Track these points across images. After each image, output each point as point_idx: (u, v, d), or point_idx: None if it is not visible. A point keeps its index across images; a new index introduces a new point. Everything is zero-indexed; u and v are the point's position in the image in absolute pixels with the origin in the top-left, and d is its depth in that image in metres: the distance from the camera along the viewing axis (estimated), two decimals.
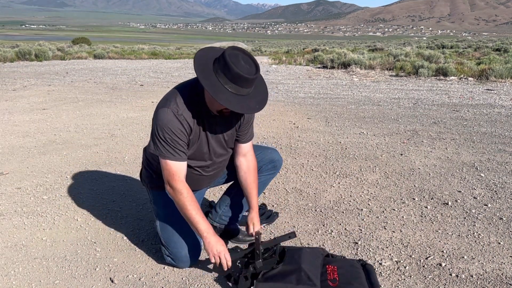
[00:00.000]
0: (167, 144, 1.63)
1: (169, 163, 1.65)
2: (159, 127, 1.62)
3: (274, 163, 2.06)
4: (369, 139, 4.12)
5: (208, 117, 1.70)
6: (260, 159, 2.01)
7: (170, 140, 1.62)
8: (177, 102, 1.62)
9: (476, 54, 16.81)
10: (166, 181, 1.67)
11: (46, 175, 3.05)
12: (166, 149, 1.63)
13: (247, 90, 1.55)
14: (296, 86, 8.26)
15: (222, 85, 1.50)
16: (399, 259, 1.92)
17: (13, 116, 5.11)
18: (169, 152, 1.64)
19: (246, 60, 1.53)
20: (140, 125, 4.73)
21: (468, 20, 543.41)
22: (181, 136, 1.63)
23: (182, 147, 1.65)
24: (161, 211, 1.88)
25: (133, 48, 21.35)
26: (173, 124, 1.60)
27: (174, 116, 1.60)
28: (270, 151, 2.08)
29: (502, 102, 6.11)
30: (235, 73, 1.48)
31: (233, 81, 1.50)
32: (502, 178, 2.96)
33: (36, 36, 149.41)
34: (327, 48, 21.44)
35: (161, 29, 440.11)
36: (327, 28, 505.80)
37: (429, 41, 40.96)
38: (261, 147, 2.10)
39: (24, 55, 14.24)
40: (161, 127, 1.61)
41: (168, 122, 1.60)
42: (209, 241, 1.65)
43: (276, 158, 2.07)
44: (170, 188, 1.67)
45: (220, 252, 1.65)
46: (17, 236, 2.15)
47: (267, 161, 2.04)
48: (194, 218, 1.66)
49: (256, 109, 1.59)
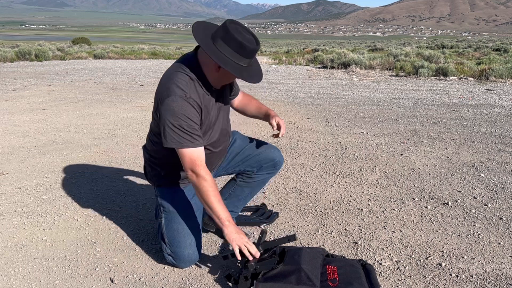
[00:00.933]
0: (184, 132, 1.61)
1: (188, 151, 1.63)
2: (172, 118, 1.58)
3: (274, 161, 2.05)
4: (369, 139, 4.12)
5: (210, 92, 1.73)
6: (261, 158, 2.01)
7: (186, 127, 1.60)
8: (180, 87, 1.60)
9: (476, 54, 16.81)
10: (188, 169, 1.65)
11: (46, 175, 3.05)
12: (183, 137, 1.61)
13: (251, 61, 1.65)
14: (296, 86, 8.26)
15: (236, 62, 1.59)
16: (399, 259, 1.92)
17: (13, 116, 5.11)
18: (187, 140, 1.62)
19: (248, 31, 1.62)
20: (140, 125, 4.73)
21: (468, 20, 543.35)
22: (196, 120, 1.64)
23: (197, 131, 1.65)
24: (168, 209, 1.86)
25: (133, 48, 21.34)
26: (186, 110, 1.59)
27: (184, 101, 1.59)
28: (273, 150, 2.07)
29: (502, 102, 6.11)
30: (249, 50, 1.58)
31: (246, 56, 1.60)
32: (502, 178, 2.96)
33: (36, 36, 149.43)
34: (327, 48, 21.45)
35: (161, 29, 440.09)
36: (327, 28, 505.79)
37: (429, 41, 40.96)
38: (264, 144, 2.09)
39: (24, 55, 14.24)
40: (175, 116, 1.58)
41: (180, 109, 1.58)
42: (231, 230, 1.65)
43: (277, 157, 2.06)
44: (193, 175, 1.65)
45: (242, 241, 1.64)
46: (17, 236, 2.15)
47: (268, 159, 2.03)
48: (216, 206, 1.65)
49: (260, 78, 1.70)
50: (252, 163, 2.04)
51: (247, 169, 2.05)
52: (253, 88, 7.72)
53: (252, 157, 2.03)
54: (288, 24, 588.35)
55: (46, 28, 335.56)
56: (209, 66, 1.66)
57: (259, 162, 2.02)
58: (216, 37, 1.59)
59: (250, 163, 2.04)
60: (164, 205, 1.88)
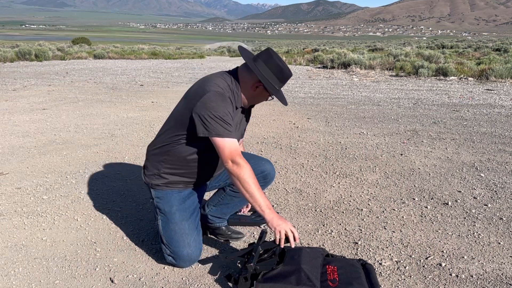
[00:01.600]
0: (225, 123, 1.67)
1: (229, 141, 1.68)
2: (214, 109, 1.67)
3: (264, 173, 2.03)
4: (369, 139, 4.12)
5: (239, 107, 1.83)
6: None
7: (227, 119, 1.68)
8: (221, 87, 1.74)
9: (476, 54, 16.81)
10: (229, 159, 1.68)
11: (46, 175, 3.05)
12: (225, 128, 1.67)
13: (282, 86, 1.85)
14: (296, 86, 8.26)
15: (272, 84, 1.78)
16: (399, 259, 1.92)
17: (13, 116, 5.11)
18: (227, 131, 1.68)
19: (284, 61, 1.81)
20: (140, 125, 4.73)
21: (468, 20, 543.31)
22: (232, 115, 1.73)
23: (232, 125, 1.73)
24: (164, 210, 1.87)
25: (133, 48, 21.34)
26: (226, 104, 1.71)
27: (225, 97, 1.72)
28: (264, 162, 2.08)
29: (502, 102, 6.12)
30: (286, 75, 1.81)
31: (282, 81, 1.82)
32: (502, 178, 2.96)
33: (36, 36, 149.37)
34: (327, 48, 21.45)
35: (161, 29, 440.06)
36: (327, 28, 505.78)
37: (429, 41, 40.95)
38: (255, 157, 2.10)
39: (24, 55, 14.24)
40: (217, 108, 1.67)
41: (222, 102, 1.69)
42: (272, 217, 1.66)
43: (268, 170, 2.06)
44: (233, 165, 1.68)
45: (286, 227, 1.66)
46: (17, 236, 2.15)
47: (258, 171, 1.99)
48: (256, 194, 1.67)
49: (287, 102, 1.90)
50: None
51: None
52: None
53: None
54: (288, 24, 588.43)
55: (46, 28, 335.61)
56: (247, 84, 1.79)
57: None
58: (258, 59, 1.78)
59: None
60: (160, 207, 1.88)
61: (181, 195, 1.89)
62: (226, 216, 2.13)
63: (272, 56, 1.77)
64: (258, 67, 1.75)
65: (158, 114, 5.31)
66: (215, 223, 2.11)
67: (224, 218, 2.12)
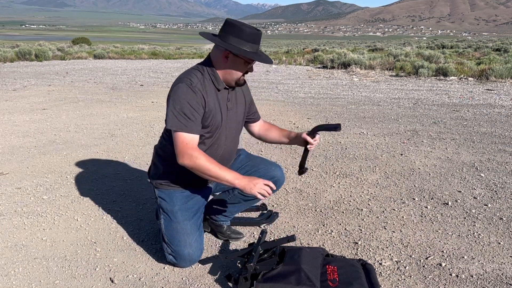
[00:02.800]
0: (182, 116, 1.68)
1: (182, 134, 1.69)
2: (175, 102, 1.68)
3: (274, 179, 1.99)
4: (369, 139, 4.12)
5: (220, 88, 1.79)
6: (261, 174, 1.98)
7: (186, 111, 1.68)
8: (189, 78, 1.72)
9: (476, 54, 16.81)
10: (180, 153, 1.68)
11: (46, 175, 3.05)
12: (181, 121, 1.68)
13: (257, 46, 1.74)
14: (296, 86, 8.26)
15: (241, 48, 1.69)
16: (399, 259, 1.92)
17: (13, 116, 5.11)
18: (183, 125, 1.68)
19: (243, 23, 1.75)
20: (140, 125, 4.73)
21: (468, 20, 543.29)
22: (196, 107, 1.70)
23: (196, 119, 1.70)
24: (166, 209, 1.88)
25: (133, 48, 21.34)
26: (188, 96, 1.69)
27: (189, 88, 1.69)
28: (274, 167, 2.05)
29: (502, 102, 6.11)
30: (249, 32, 1.69)
31: (249, 40, 1.70)
32: (502, 178, 2.96)
33: (36, 36, 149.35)
34: (327, 48, 21.45)
35: (161, 29, 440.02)
36: (327, 28, 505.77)
37: (429, 41, 40.96)
38: (265, 161, 2.08)
39: (24, 55, 14.24)
40: (178, 100, 1.68)
41: (183, 94, 1.68)
42: (243, 184, 1.68)
43: (278, 175, 2.03)
44: (185, 159, 1.68)
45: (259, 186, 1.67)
46: (17, 236, 2.15)
47: (267, 176, 1.98)
48: (219, 173, 1.68)
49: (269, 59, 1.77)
50: None
51: None
52: (253, 88, 7.72)
53: (252, 173, 2.00)
54: (288, 24, 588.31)
55: (46, 28, 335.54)
56: (218, 59, 1.76)
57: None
58: (220, 32, 1.76)
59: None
60: (163, 206, 1.90)
61: (183, 195, 1.90)
62: (231, 215, 2.14)
63: (231, 22, 1.74)
64: (220, 37, 1.73)
65: (158, 114, 5.31)
66: (219, 221, 2.12)
67: (229, 217, 2.13)
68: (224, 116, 1.83)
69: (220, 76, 1.77)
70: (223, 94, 1.81)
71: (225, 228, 2.12)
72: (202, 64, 1.80)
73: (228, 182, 1.69)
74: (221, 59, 1.75)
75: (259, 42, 1.75)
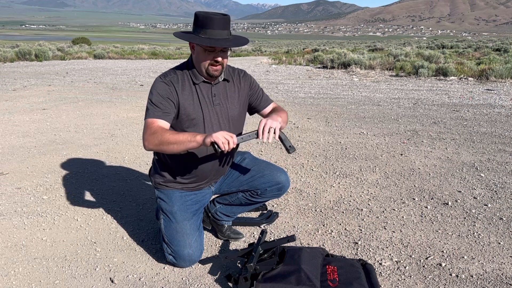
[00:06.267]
0: (152, 106, 1.73)
1: (146, 121, 1.73)
2: (149, 94, 1.77)
3: (279, 185, 1.98)
4: (369, 139, 4.12)
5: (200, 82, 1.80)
6: (266, 180, 1.96)
7: (154, 100, 1.73)
8: (166, 73, 1.81)
9: (476, 54, 16.81)
10: (143, 139, 1.69)
11: (46, 175, 3.05)
12: (151, 110, 1.73)
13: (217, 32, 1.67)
14: (296, 86, 8.26)
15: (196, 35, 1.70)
16: (399, 259, 1.92)
17: (13, 116, 5.11)
18: (149, 112, 1.73)
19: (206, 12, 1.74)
20: (140, 125, 4.72)
21: (468, 20, 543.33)
22: (164, 95, 1.73)
23: (164, 106, 1.73)
24: (166, 209, 1.88)
25: (133, 48, 21.35)
26: (158, 86, 1.76)
27: (161, 81, 1.77)
28: (279, 173, 1.99)
29: (502, 102, 6.11)
30: (202, 18, 1.68)
31: (205, 27, 1.67)
32: (502, 178, 2.96)
33: (36, 36, 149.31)
34: (327, 48, 21.45)
35: (161, 29, 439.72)
36: (327, 28, 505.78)
37: (429, 41, 40.96)
38: (271, 166, 2.03)
39: (24, 55, 14.24)
40: (150, 93, 1.76)
41: (154, 87, 1.77)
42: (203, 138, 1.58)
43: (283, 181, 1.99)
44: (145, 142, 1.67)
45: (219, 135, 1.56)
46: (17, 236, 2.15)
47: (273, 182, 1.97)
48: (177, 137, 1.62)
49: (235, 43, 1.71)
50: (257, 184, 1.98)
51: (251, 189, 2.01)
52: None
53: (257, 178, 1.98)
54: (288, 24, 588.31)
55: (46, 28, 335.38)
56: (192, 53, 1.80)
57: (264, 184, 1.97)
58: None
59: (255, 184, 1.98)
60: (162, 205, 1.90)
61: (183, 195, 1.90)
62: (234, 216, 2.14)
63: (195, 13, 1.75)
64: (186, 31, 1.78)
65: None
66: (221, 220, 2.12)
67: (231, 217, 2.13)
68: (206, 111, 1.79)
69: (198, 69, 1.79)
70: (205, 88, 1.81)
71: (226, 228, 2.12)
72: (181, 63, 1.87)
73: (190, 143, 1.60)
74: (192, 52, 1.80)
75: (222, 28, 1.67)
